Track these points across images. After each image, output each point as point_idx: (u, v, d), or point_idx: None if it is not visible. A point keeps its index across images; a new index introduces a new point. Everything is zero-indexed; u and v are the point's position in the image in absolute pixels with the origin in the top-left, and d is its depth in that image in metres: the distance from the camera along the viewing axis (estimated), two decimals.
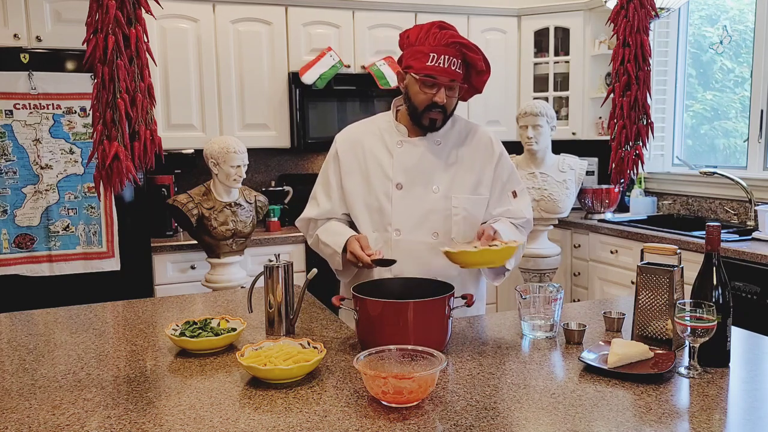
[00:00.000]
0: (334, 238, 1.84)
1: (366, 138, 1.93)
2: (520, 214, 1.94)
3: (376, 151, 1.90)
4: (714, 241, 1.44)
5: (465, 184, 1.88)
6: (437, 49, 1.73)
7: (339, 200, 1.93)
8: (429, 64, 1.74)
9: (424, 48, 1.75)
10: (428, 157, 1.87)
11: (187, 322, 1.67)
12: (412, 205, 1.86)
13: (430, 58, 1.74)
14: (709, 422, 1.16)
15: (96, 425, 1.18)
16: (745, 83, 3.78)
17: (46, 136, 3.09)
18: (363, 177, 1.90)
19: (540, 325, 1.66)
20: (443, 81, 1.76)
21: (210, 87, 3.71)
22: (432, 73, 1.75)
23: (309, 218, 1.99)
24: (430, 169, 1.87)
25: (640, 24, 2.76)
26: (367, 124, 1.99)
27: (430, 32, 1.76)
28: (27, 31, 3.18)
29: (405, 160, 1.87)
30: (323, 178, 1.98)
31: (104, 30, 1.91)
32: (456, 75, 1.76)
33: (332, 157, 1.96)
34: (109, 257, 3.25)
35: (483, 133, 1.97)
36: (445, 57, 1.73)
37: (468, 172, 1.89)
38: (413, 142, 1.88)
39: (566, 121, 4.36)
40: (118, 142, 1.96)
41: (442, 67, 1.74)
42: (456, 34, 1.77)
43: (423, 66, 1.75)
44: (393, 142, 1.89)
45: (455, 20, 4.16)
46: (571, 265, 4.06)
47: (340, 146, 1.95)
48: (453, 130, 1.92)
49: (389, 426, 1.15)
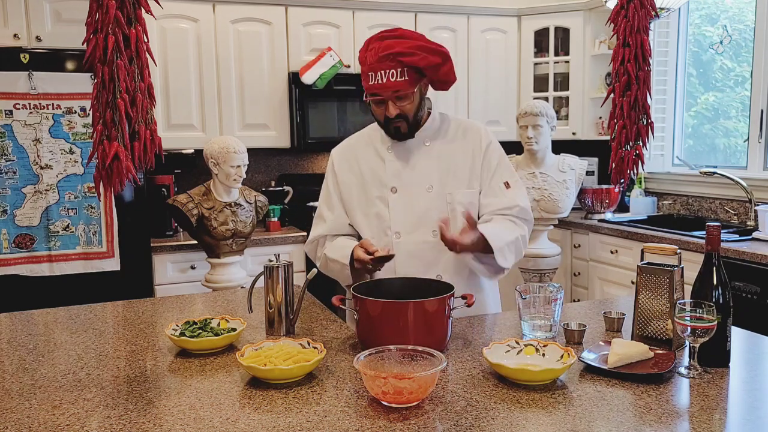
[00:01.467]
0: (340, 252, 1.86)
1: (359, 148, 1.98)
2: (514, 202, 1.89)
3: (369, 159, 1.94)
4: (714, 241, 1.44)
5: (459, 180, 1.89)
6: (373, 66, 1.76)
7: (342, 212, 1.96)
8: (370, 83, 1.78)
9: (365, 68, 1.79)
10: (419, 157, 1.89)
11: (187, 322, 1.67)
12: (409, 207, 1.87)
13: (370, 78, 1.77)
14: (709, 422, 1.16)
15: (96, 425, 1.18)
16: (745, 83, 3.78)
17: (46, 136, 3.09)
18: (360, 186, 1.93)
19: (540, 325, 1.66)
20: (387, 95, 1.78)
21: (210, 87, 3.71)
22: (374, 91, 1.78)
23: (317, 237, 1.99)
24: (422, 169, 1.89)
25: (640, 24, 2.76)
26: (359, 135, 2.04)
27: (369, 49, 1.78)
28: (27, 31, 3.18)
29: (397, 163, 1.90)
30: (325, 195, 2.01)
31: (104, 30, 1.92)
32: (398, 85, 1.76)
33: (330, 173, 2.01)
34: (109, 257, 3.25)
35: (471, 126, 1.97)
36: (382, 72, 1.75)
37: (460, 167, 1.90)
38: (403, 145, 1.90)
39: (566, 121, 4.35)
40: (118, 142, 1.96)
41: (381, 83, 1.75)
42: (392, 43, 1.75)
43: (367, 86, 1.80)
44: (384, 148, 1.92)
45: (455, 20, 4.17)
46: (571, 265, 4.06)
47: (335, 160, 2.00)
48: (441, 129, 1.94)
49: (389, 426, 1.15)
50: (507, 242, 1.82)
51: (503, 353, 1.44)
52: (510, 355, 1.44)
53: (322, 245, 1.99)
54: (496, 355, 1.43)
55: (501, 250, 1.79)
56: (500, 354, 1.44)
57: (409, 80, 1.77)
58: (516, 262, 1.91)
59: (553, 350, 1.43)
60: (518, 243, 1.87)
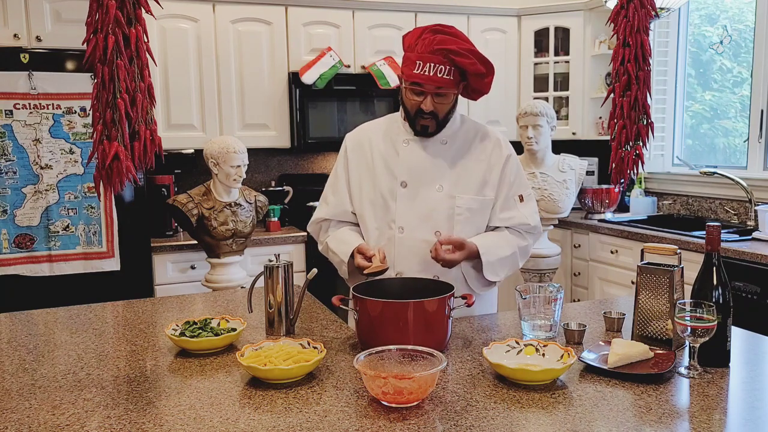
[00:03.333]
0: (341, 246, 1.87)
1: (374, 136, 1.96)
2: (525, 221, 1.92)
3: (383, 149, 1.93)
4: (714, 241, 1.44)
5: (470, 185, 1.89)
6: (423, 56, 1.73)
7: (347, 196, 1.95)
8: (415, 71, 1.74)
9: (412, 55, 1.76)
10: (434, 156, 1.88)
11: (187, 322, 1.67)
12: (416, 204, 1.87)
13: (417, 66, 1.74)
14: (709, 422, 1.16)
15: (96, 425, 1.18)
16: (744, 83, 3.78)
17: (46, 136, 3.09)
18: (369, 174, 1.92)
19: (540, 325, 1.66)
20: (429, 89, 1.76)
21: (210, 87, 3.71)
22: (417, 80, 1.76)
23: (320, 220, 2.00)
24: (435, 168, 1.88)
25: (640, 24, 2.76)
26: (377, 123, 2.03)
27: (421, 37, 1.76)
28: (27, 31, 3.18)
29: (410, 158, 1.88)
30: (332, 178, 2.01)
31: (104, 30, 1.91)
32: (443, 82, 1.75)
33: (341, 156, 2.00)
34: (109, 257, 3.25)
35: (492, 134, 1.97)
36: (431, 65, 1.72)
37: (474, 172, 1.89)
38: (419, 141, 1.89)
39: (566, 121, 4.36)
40: (118, 142, 1.96)
41: (427, 75, 1.73)
42: (446, 39, 1.74)
43: (410, 73, 1.76)
44: (400, 140, 1.91)
45: (455, 20, 4.16)
46: (571, 265, 4.06)
47: (349, 144, 1.99)
48: (461, 131, 1.93)
49: (389, 426, 1.15)
50: (500, 257, 1.85)
51: (503, 353, 1.44)
52: (510, 355, 1.44)
53: (325, 230, 1.99)
54: (496, 355, 1.43)
55: (491, 265, 1.83)
56: (500, 354, 1.44)
57: (454, 80, 1.77)
58: (510, 275, 1.93)
59: (553, 350, 1.43)
60: (514, 257, 1.90)
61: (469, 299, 1.63)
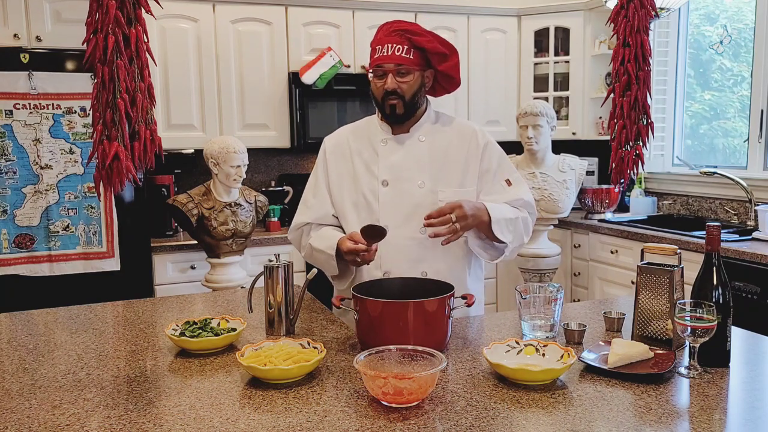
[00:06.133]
0: (326, 242, 1.85)
1: (352, 138, 1.98)
2: (517, 196, 1.93)
3: (362, 150, 1.94)
4: (714, 241, 1.44)
5: (451, 179, 1.90)
6: (381, 40, 1.83)
7: (328, 199, 1.96)
8: (375, 56, 1.83)
9: (373, 43, 1.85)
10: (412, 153, 1.90)
11: (187, 322, 1.67)
12: (399, 201, 1.87)
13: (376, 51, 1.83)
14: (709, 422, 1.16)
15: (96, 425, 1.18)
16: (744, 83, 3.78)
17: (46, 136, 3.09)
18: (350, 176, 1.94)
19: (540, 325, 1.66)
20: (389, 68, 1.81)
21: (210, 87, 3.71)
22: (377, 62, 1.82)
23: (301, 224, 1.98)
24: (415, 165, 1.89)
25: (640, 24, 2.76)
26: (355, 125, 2.04)
27: (380, 28, 1.86)
28: (27, 31, 3.18)
29: (390, 157, 1.90)
30: (312, 182, 2.01)
31: (104, 30, 1.92)
32: (401, 59, 1.80)
33: (320, 159, 2.01)
34: (109, 257, 3.25)
35: (466, 126, 1.98)
36: (389, 45, 1.80)
37: (453, 166, 1.90)
38: (397, 140, 1.92)
39: (566, 121, 4.35)
40: (118, 142, 1.96)
41: (386, 55, 1.80)
42: (402, 23, 1.84)
43: (372, 60, 1.85)
44: (378, 140, 1.93)
45: (455, 20, 4.17)
46: (571, 265, 4.06)
47: (328, 147, 2.01)
48: (436, 126, 1.94)
49: (389, 426, 1.15)
50: (506, 218, 1.84)
51: (503, 353, 1.44)
52: (510, 355, 1.44)
53: (306, 234, 1.98)
54: (496, 355, 1.43)
55: (498, 223, 1.81)
56: (500, 354, 1.44)
57: (414, 59, 1.82)
58: (517, 247, 1.91)
59: (553, 350, 1.43)
60: (518, 223, 1.88)
61: (469, 299, 1.63)
